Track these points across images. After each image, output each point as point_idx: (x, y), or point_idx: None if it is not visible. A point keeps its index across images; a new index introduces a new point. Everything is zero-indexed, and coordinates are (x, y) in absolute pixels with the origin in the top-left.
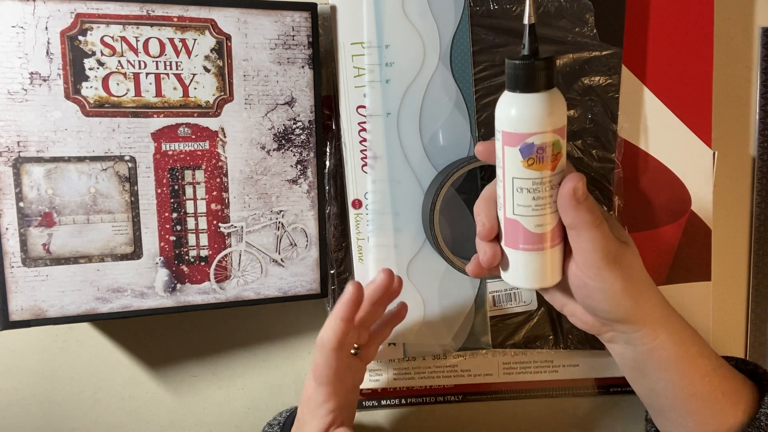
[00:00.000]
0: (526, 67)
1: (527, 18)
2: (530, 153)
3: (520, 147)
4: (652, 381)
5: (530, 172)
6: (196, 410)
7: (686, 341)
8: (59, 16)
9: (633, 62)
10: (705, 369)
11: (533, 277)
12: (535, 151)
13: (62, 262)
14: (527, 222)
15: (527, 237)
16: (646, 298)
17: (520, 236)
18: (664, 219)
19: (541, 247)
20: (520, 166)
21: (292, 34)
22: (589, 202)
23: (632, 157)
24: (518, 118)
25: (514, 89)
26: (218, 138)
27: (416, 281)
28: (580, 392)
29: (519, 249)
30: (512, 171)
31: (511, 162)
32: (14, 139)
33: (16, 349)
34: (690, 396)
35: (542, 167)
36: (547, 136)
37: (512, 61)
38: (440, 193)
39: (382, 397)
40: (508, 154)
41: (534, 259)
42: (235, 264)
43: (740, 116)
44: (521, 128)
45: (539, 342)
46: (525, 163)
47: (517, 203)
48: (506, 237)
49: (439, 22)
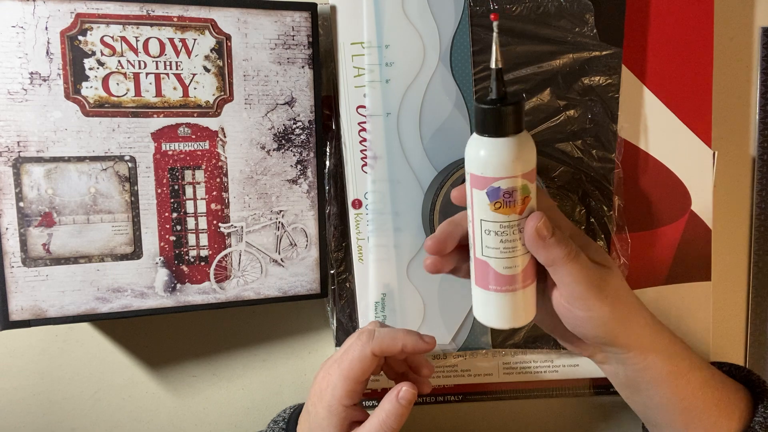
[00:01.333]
0: (493, 112)
1: (494, 62)
2: (497, 197)
3: (487, 190)
4: (646, 398)
5: (497, 216)
6: (196, 410)
7: (676, 357)
8: (59, 16)
9: (633, 62)
10: (697, 382)
11: (505, 318)
12: (502, 195)
13: (62, 262)
14: (496, 264)
15: (497, 278)
16: (634, 319)
17: (490, 277)
18: (664, 219)
19: (512, 288)
20: (487, 209)
21: (292, 34)
22: (558, 236)
23: (632, 157)
24: (485, 162)
25: (481, 133)
26: (218, 138)
27: (416, 281)
28: (580, 392)
29: (489, 290)
30: (480, 213)
31: (479, 204)
32: (14, 139)
33: (16, 349)
34: (684, 410)
35: (510, 211)
36: (514, 180)
37: (479, 105)
38: (440, 193)
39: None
40: (476, 196)
41: (505, 300)
42: (235, 264)
43: (740, 116)
44: (488, 172)
45: (539, 342)
46: (492, 207)
47: (486, 245)
48: (476, 277)
49: (439, 22)
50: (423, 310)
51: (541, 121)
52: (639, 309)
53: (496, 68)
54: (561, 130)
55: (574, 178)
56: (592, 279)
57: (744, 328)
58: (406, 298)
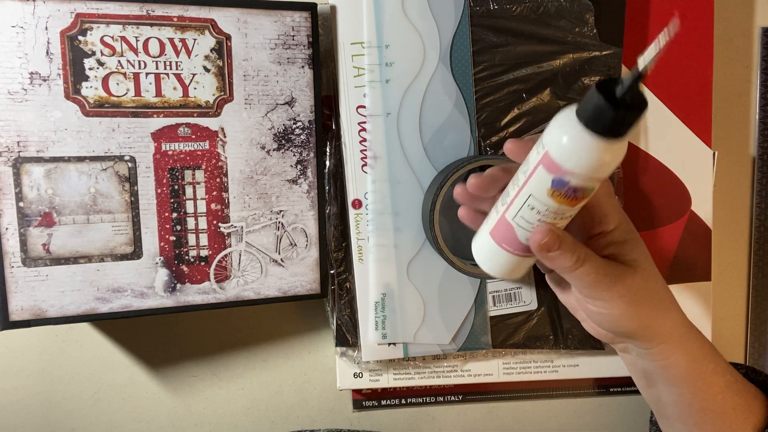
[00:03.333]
0: (614, 114)
1: (645, 61)
2: (560, 188)
3: (554, 177)
4: (662, 393)
5: (550, 201)
6: (196, 410)
7: (702, 359)
8: (59, 16)
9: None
10: (718, 386)
11: (501, 271)
12: (566, 188)
13: (62, 262)
14: (521, 233)
15: (514, 243)
16: (657, 317)
17: (508, 239)
18: (664, 219)
19: (524, 254)
20: (543, 191)
21: (292, 34)
22: (565, 246)
23: (632, 157)
24: (570, 153)
25: (585, 122)
26: (218, 138)
27: (416, 281)
28: (580, 392)
29: (501, 247)
30: (533, 189)
31: (538, 183)
32: (14, 139)
33: (16, 349)
34: (700, 410)
35: (565, 202)
36: (588, 181)
37: (600, 97)
38: (440, 193)
39: (382, 397)
40: (538, 174)
41: (511, 261)
42: (235, 264)
43: (740, 116)
44: (567, 164)
45: (539, 342)
46: (550, 192)
47: (521, 215)
48: (494, 229)
49: (439, 22)
50: (423, 310)
51: (541, 121)
52: (664, 307)
53: (643, 72)
54: None
55: None
56: (601, 281)
57: (744, 328)
58: (406, 298)
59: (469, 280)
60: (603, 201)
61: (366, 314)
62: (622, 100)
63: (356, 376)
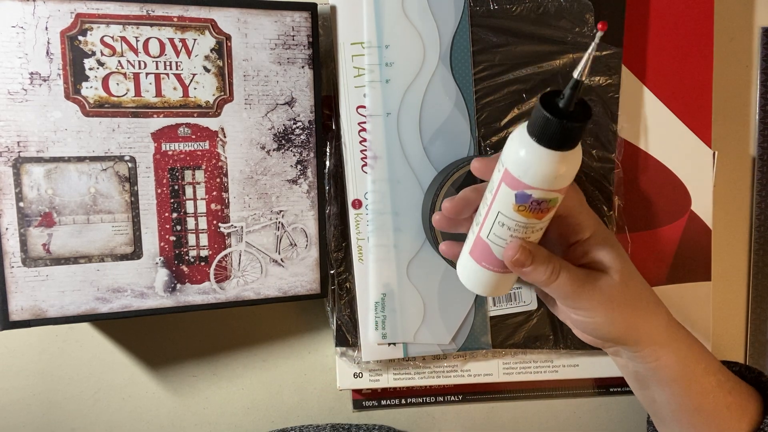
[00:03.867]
0: (557, 124)
1: (578, 72)
2: (524, 202)
3: (516, 192)
4: (656, 394)
5: (518, 216)
6: (196, 410)
7: (691, 360)
8: (59, 16)
9: (633, 62)
10: (710, 386)
11: (485, 289)
12: (530, 202)
13: (62, 262)
14: (497, 250)
15: (493, 260)
16: (641, 320)
17: (487, 257)
18: (664, 219)
19: (503, 271)
20: (509, 207)
21: (292, 34)
22: (538, 260)
23: (632, 157)
24: (527, 167)
25: (536, 137)
26: (218, 138)
27: (416, 281)
28: (580, 392)
29: (482, 265)
30: (500, 207)
31: (503, 199)
32: (14, 139)
33: (16, 349)
34: (694, 411)
35: (532, 216)
36: (549, 194)
37: (544, 111)
38: (440, 193)
39: (382, 397)
40: (502, 191)
41: (492, 278)
42: (235, 264)
43: (740, 116)
44: (526, 178)
45: (539, 342)
46: (515, 207)
47: (494, 233)
48: (473, 249)
49: (439, 22)
50: (423, 310)
51: None
52: (652, 310)
53: (578, 79)
54: None
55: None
56: (580, 290)
57: (744, 328)
58: (406, 298)
59: None
60: (576, 211)
61: (366, 314)
62: (565, 112)
63: (356, 376)
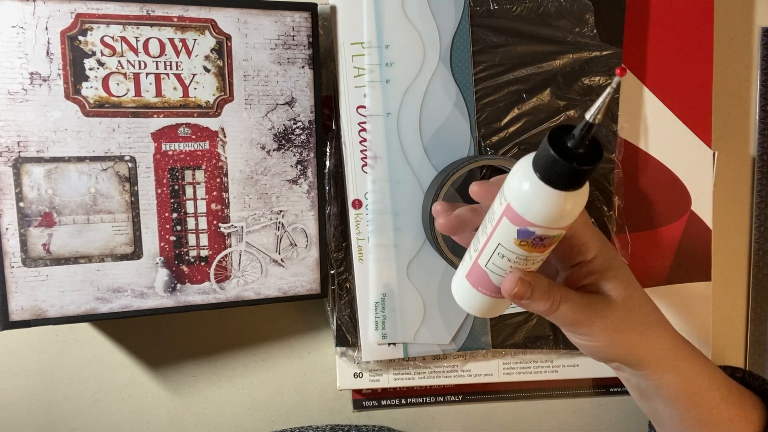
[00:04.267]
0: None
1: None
2: (527, 238)
3: (519, 228)
4: (658, 406)
5: (518, 250)
6: (196, 410)
7: (695, 377)
8: (59, 16)
9: (633, 62)
10: (714, 401)
11: (480, 311)
12: (532, 238)
13: (62, 262)
14: (495, 278)
15: (490, 287)
16: (644, 343)
17: (484, 283)
18: (664, 219)
19: (499, 297)
20: (510, 241)
21: (292, 34)
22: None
23: (632, 157)
24: (530, 205)
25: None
26: (218, 138)
27: (416, 281)
28: (580, 392)
29: (478, 290)
30: (501, 239)
31: (504, 233)
32: (14, 139)
33: (16, 349)
34: (696, 424)
35: (533, 250)
36: (553, 232)
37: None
38: (440, 193)
39: (382, 397)
40: (503, 224)
41: (487, 302)
42: (235, 264)
43: (740, 116)
44: (529, 216)
45: (539, 342)
46: (516, 242)
47: (493, 262)
48: (470, 274)
49: (439, 22)
50: (423, 310)
51: (541, 121)
52: (655, 332)
53: (590, 122)
54: None
55: None
56: (581, 319)
57: (744, 328)
58: (406, 298)
59: None
60: (581, 231)
61: (366, 314)
62: (575, 152)
63: (356, 376)
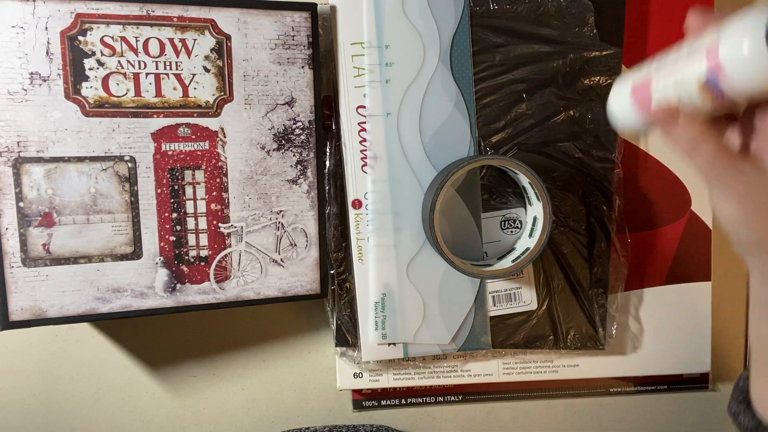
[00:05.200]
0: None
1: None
2: (714, 89)
3: (711, 77)
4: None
5: (696, 92)
6: (196, 410)
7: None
8: (59, 16)
9: (633, 62)
10: None
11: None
12: (717, 91)
13: (62, 262)
14: (656, 105)
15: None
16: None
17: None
18: (664, 219)
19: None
20: (694, 81)
21: (292, 34)
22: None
23: (632, 157)
24: (742, 67)
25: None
26: (218, 138)
27: (416, 281)
28: (580, 392)
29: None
30: (687, 74)
31: (695, 71)
32: (14, 139)
33: (16, 349)
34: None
35: (710, 101)
36: (743, 96)
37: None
38: (440, 193)
39: (382, 397)
40: (699, 64)
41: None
42: (235, 264)
43: None
44: (734, 74)
45: (539, 342)
46: (701, 85)
47: (665, 88)
48: (636, 87)
49: (439, 22)
50: (423, 310)
51: (541, 121)
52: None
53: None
54: (561, 130)
55: (574, 178)
56: (717, 169)
57: (744, 328)
58: (406, 298)
59: (469, 280)
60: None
61: (366, 314)
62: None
63: (356, 376)
